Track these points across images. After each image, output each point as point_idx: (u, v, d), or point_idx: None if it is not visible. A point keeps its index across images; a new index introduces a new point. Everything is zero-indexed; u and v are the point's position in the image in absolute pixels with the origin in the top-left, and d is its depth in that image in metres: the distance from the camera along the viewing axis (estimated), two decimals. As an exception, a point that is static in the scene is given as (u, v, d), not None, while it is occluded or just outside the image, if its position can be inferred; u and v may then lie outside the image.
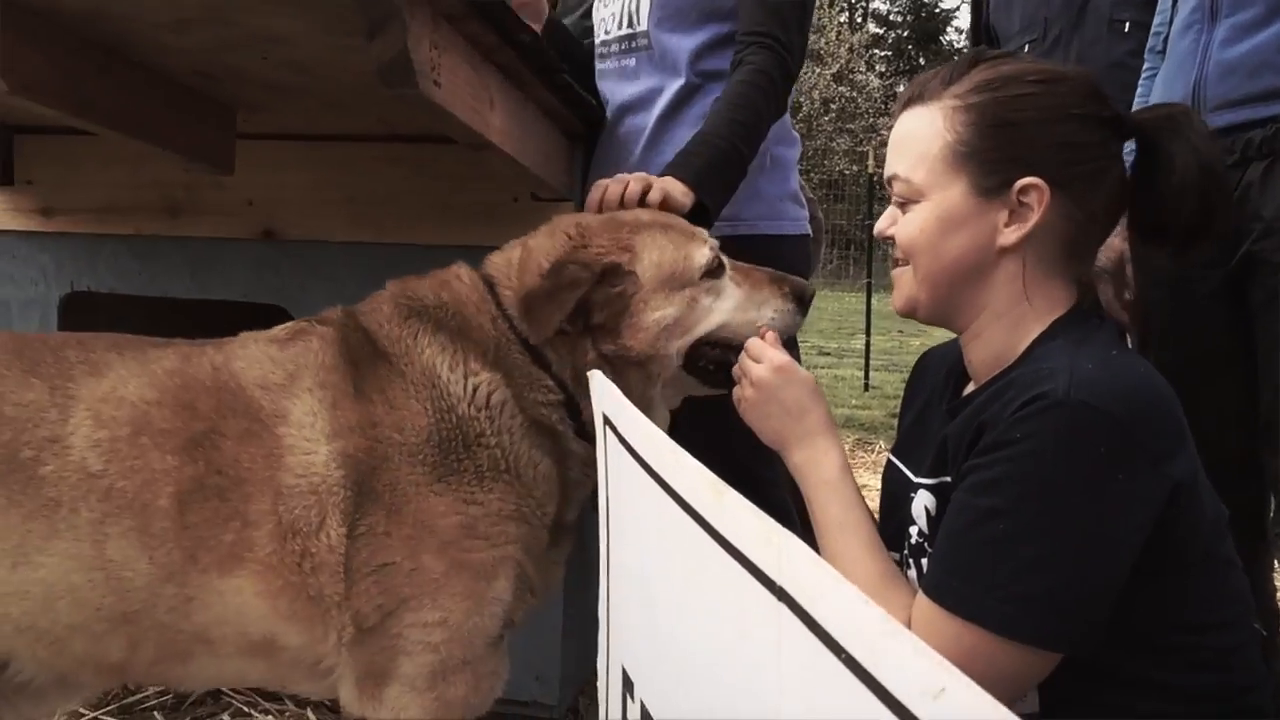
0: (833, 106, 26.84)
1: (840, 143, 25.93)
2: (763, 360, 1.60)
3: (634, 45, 2.43)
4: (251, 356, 1.72)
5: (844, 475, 1.54)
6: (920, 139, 1.45)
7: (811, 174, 24.02)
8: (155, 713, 2.63)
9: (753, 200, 2.32)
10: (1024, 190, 1.41)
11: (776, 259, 2.32)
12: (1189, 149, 1.44)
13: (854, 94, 26.77)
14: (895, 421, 6.98)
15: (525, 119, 2.17)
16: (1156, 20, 2.39)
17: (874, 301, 11.67)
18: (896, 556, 1.55)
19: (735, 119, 2.12)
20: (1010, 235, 1.43)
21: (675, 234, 1.75)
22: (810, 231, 2.49)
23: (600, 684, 1.25)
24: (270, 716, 2.61)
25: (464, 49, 1.85)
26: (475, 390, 1.67)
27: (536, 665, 2.49)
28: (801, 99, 25.89)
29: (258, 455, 1.61)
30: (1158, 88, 2.27)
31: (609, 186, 1.92)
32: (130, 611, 1.60)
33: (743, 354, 1.65)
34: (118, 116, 2.04)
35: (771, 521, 0.76)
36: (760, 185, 2.33)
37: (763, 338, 1.67)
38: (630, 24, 2.43)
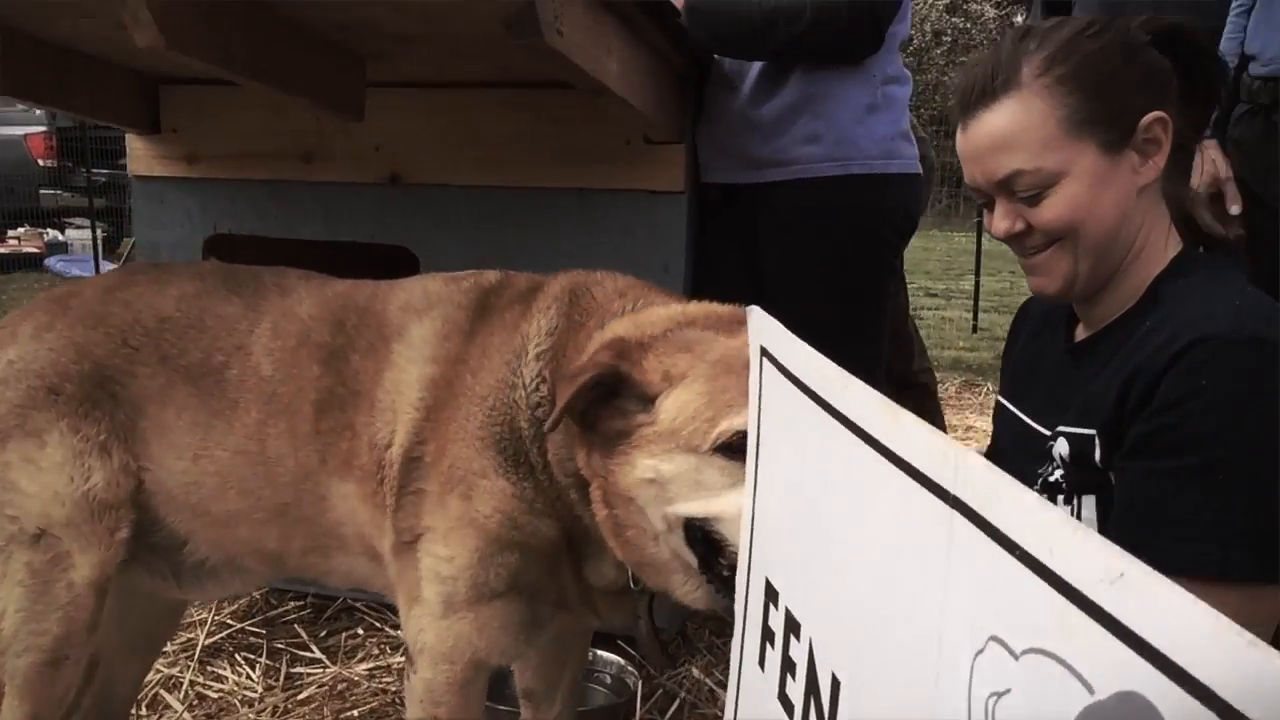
0: (945, 39, 25.97)
1: (952, 77, 25.11)
2: None
3: None
4: (413, 286, 1.85)
5: None
6: (1029, 127, 1.45)
7: (921, 110, 23.37)
8: (295, 625, 2.85)
9: (864, 139, 2.35)
10: (1148, 127, 1.44)
11: (888, 197, 2.37)
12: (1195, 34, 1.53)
13: (968, 25, 25.83)
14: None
15: (639, 62, 2.23)
16: None
17: (984, 241, 11.40)
18: None
19: (781, 3, 2.26)
20: (1149, 172, 1.47)
21: (720, 386, 1.42)
22: (920, 170, 2.50)
23: (739, 596, 1.34)
24: (400, 631, 2.79)
25: (584, -1, 1.92)
26: (534, 390, 1.62)
27: (648, 591, 2.61)
28: (912, 31, 25.08)
29: (370, 370, 1.74)
30: (1258, 28, 2.28)
31: None
32: (281, 504, 1.78)
33: None
34: (260, 68, 2.16)
35: (947, 438, 0.85)
36: (871, 124, 2.36)
37: None
38: None
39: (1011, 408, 1.75)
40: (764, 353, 1.32)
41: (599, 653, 2.57)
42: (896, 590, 0.92)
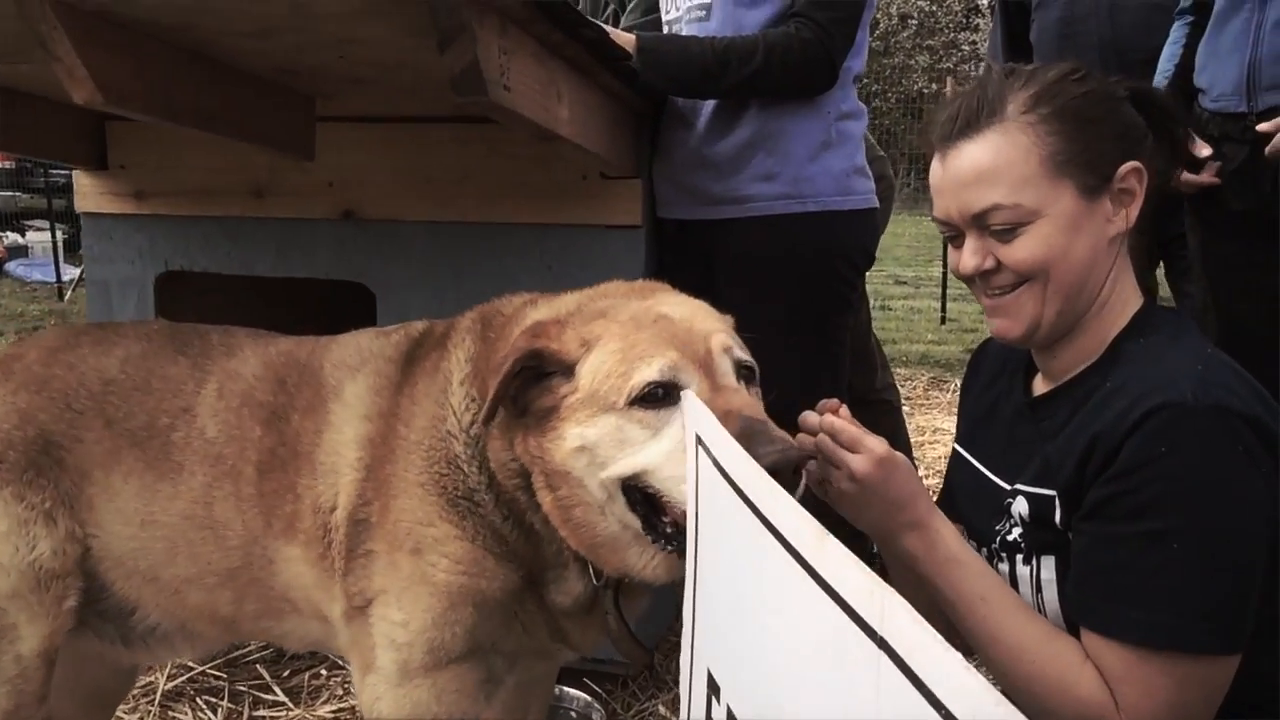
0: (911, 21, 25.98)
1: (920, 60, 25.15)
2: (861, 450, 1.47)
3: (705, 15, 2.44)
4: (347, 342, 1.83)
5: (965, 547, 1.51)
6: (1012, 162, 1.44)
7: (889, 93, 23.41)
8: (258, 665, 2.82)
9: (819, 176, 2.34)
10: (1124, 177, 1.45)
11: (844, 234, 2.37)
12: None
13: (933, 8, 25.86)
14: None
15: (592, 105, 2.21)
16: None
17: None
18: (985, 551, 1.60)
19: (733, 42, 2.25)
20: (1121, 223, 1.48)
21: (631, 343, 1.44)
22: (877, 204, 2.49)
23: (683, 680, 1.32)
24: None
25: (533, 47, 1.89)
26: (464, 415, 1.61)
27: (613, 625, 2.60)
28: (879, 15, 25.14)
29: (310, 430, 1.72)
30: (1206, 62, 2.32)
31: None
32: (232, 568, 1.75)
33: (828, 441, 1.49)
34: (204, 116, 2.12)
35: (874, 575, 0.84)
36: (826, 161, 2.35)
37: (835, 412, 1.52)
38: None
39: (968, 456, 1.74)
40: (699, 440, 1.31)
41: (565, 689, 2.56)
42: (829, 717, 0.91)
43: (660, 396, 1.39)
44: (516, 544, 1.61)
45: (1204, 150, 2.43)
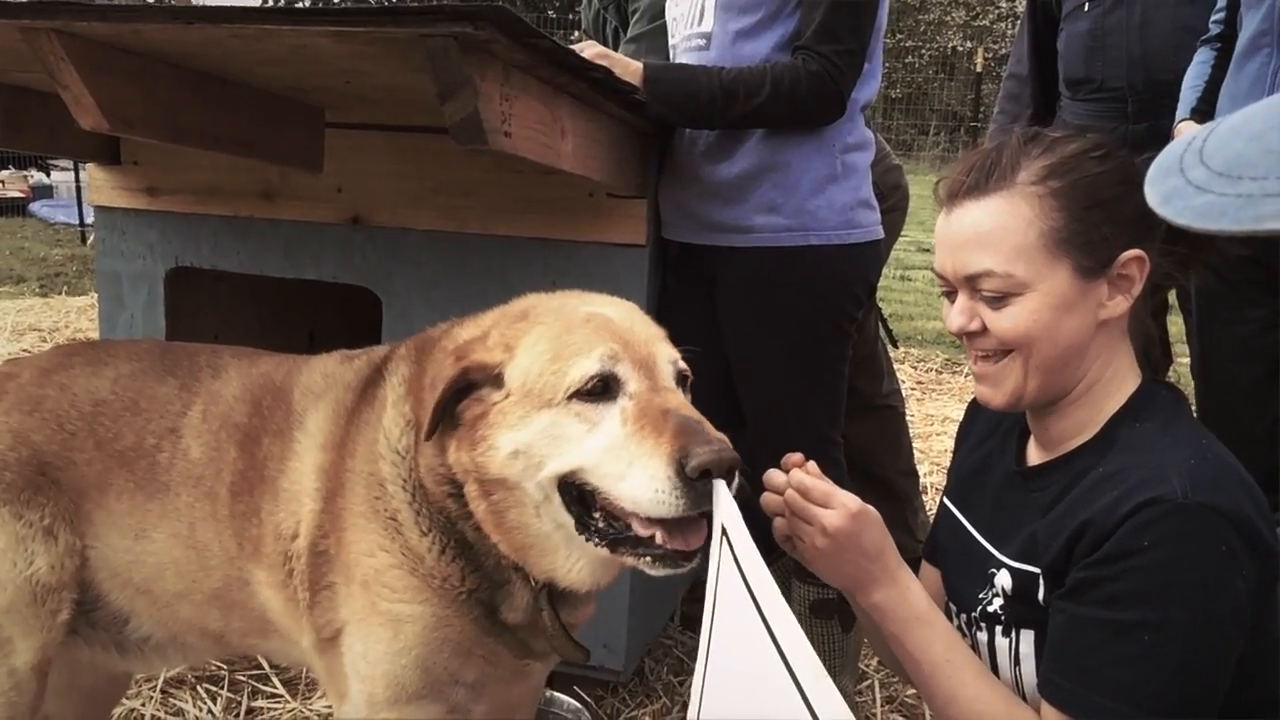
0: (949, -24, 25.43)
1: (955, 15, 24.64)
2: (833, 506, 1.50)
3: (705, 44, 2.42)
4: (316, 366, 1.85)
5: (932, 606, 1.53)
6: (1011, 231, 1.44)
7: (923, 50, 23.02)
8: (259, 656, 2.89)
9: (823, 209, 2.33)
10: (1125, 264, 1.45)
11: (847, 267, 2.36)
12: None
13: (971, -37, 25.29)
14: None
15: (596, 134, 2.20)
16: (1215, 15, 2.37)
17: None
18: (965, 617, 1.62)
19: (740, 74, 2.24)
20: (1116, 308, 1.47)
21: (567, 339, 1.45)
22: (881, 235, 2.48)
23: None
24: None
25: (536, 88, 1.89)
26: (392, 431, 1.63)
27: (604, 634, 2.65)
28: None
29: (275, 455, 1.75)
30: (1225, 105, 2.27)
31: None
32: (215, 588, 1.80)
33: (797, 498, 1.52)
34: (213, 136, 2.14)
35: None
36: (831, 194, 2.34)
37: (802, 466, 1.54)
38: (699, 22, 2.42)
39: (958, 514, 1.76)
40: (724, 533, 1.33)
41: (554, 694, 2.62)
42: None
43: (600, 390, 1.39)
44: (442, 564, 1.60)
45: None
